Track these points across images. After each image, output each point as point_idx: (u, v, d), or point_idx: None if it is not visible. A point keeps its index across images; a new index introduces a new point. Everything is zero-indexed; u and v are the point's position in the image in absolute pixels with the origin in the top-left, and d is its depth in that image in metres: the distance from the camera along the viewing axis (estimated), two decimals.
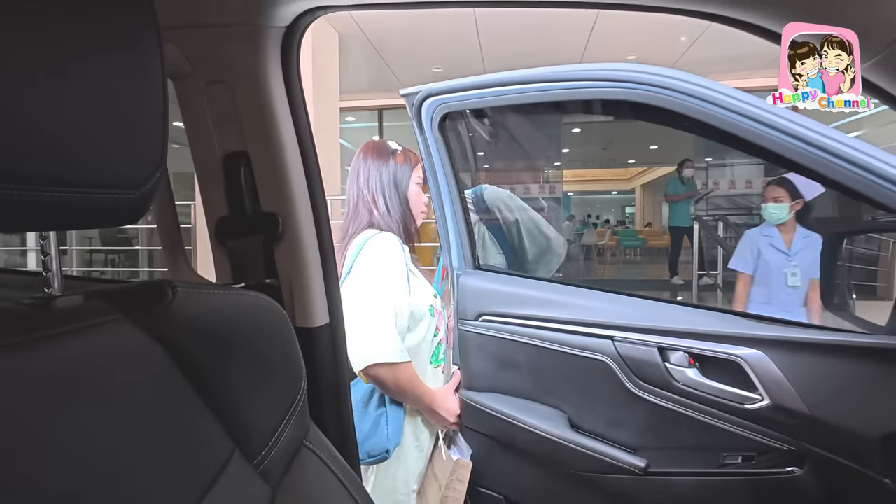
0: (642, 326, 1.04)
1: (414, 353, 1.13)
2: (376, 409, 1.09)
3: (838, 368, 0.88)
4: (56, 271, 0.41)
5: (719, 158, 8.32)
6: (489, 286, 1.22)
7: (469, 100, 1.17)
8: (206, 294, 0.45)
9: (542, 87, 1.07)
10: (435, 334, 1.18)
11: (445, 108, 1.18)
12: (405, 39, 5.49)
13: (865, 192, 0.79)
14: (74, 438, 0.30)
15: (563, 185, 8.82)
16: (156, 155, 0.38)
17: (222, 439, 0.42)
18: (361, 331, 1.02)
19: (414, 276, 1.16)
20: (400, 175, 1.16)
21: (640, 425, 1.04)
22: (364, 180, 1.16)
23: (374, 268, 1.09)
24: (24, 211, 0.30)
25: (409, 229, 1.18)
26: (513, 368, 1.16)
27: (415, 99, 1.22)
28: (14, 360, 0.30)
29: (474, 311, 1.20)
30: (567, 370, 1.10)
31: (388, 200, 1.15)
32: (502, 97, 1.12)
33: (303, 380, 0.55)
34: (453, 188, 1.24)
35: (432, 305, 1.17)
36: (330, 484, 0.54)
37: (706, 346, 0.98)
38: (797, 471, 0.91)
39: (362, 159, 1.18)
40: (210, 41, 0.69)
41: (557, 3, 0.66)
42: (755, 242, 2.35)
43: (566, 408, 1.12)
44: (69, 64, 0.31)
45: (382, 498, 1.10)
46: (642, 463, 1.01)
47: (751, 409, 0.94)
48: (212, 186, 0.75)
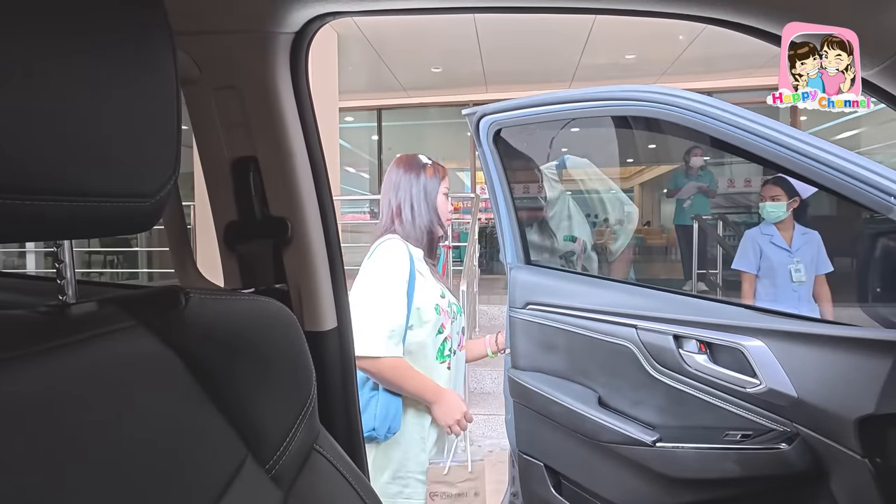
0: (661, 316, 1.18)
1: (419, 348, 1.21)
2: (370, 392, 1.19)
3: (824, 356, 0.99)
4: (70, 279, 0.42)
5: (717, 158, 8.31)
6: (535, 279, 1.41)
7: (516, 118, 1.39)
8: (219, 300, 0.45)
9: (580, 106, 1.29)
10: (440, 331, 1.24)
11: (497, 125, 1.40)
12: (404, 40, 5.50)
13: (851, 196, 0.92)
14: (91, 445, 0.30)
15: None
16: (169, 163, 0.38)
17: (235, 444, 0.42)
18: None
19: (422, 276, 1.23)
20: (430, 186, 1.28)
21: (658, 405, 1.18)
22: (394, 192, 1.28)
23: (372, 270, 1.19)
24: (37, 221, 0.30)
25: (433, 235, 1.29)
26: (553, 351, 1.34)
27: (473, 118, 1.43)
28: (32, 369, 0.30)
29: (522, 300, 1.39)
30: (597, 354, 1.26)
31: (416, 209, 1.27)
32: (545, 115, 1.35)
33: (313, 384, 0.55)
34: (507, 193, 1.44)
35: (438, 305, 1.24)
36: (340, 487, 0.55)
37: (715, 334, 1.11)
38: (784, 447, 1.02)
39: (395, 172, 1.30)
40: (219, 47, 0.69)
41: (556, 8, 0.66)
42: (756, 241, 2.37)
43: (597, 387, 1.27)
44: (82, 73, 0.31)
45: (375, 473, 1.18)
46: (652, 437, 1.13)
47: (751, 392, 1.06)
48: (220, 191, 0.75)
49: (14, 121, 0.27)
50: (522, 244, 1.47)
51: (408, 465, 1.20)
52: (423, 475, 1.21)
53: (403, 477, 1.20)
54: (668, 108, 1.10)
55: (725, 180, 6.92)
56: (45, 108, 0.29)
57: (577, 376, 1.30)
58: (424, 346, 1.21)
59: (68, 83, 0.30)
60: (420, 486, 1.20)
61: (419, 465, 1.21)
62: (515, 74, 6.47)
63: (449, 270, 4.05)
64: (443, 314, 1.25)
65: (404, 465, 1.20)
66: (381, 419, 1.16)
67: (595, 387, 1.27)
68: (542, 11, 0.70)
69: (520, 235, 1.47)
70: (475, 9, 0.67)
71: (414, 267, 1.21)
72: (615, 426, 1.18)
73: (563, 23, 4.93)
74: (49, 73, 0.29)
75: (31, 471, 0.27)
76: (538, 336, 1.35)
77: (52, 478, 0.28)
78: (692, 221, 4.83)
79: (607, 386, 1.26)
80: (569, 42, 5.47)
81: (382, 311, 1.15)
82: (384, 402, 1.17)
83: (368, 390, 1.18)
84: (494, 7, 0.69)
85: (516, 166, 1.65)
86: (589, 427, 1.22)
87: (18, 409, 0.28)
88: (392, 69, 6.35)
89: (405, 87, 7.01)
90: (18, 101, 0.28)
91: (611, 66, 6.25)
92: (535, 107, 1.35)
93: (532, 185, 1.77)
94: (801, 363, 1.00)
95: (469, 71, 6.35)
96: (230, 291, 0.67)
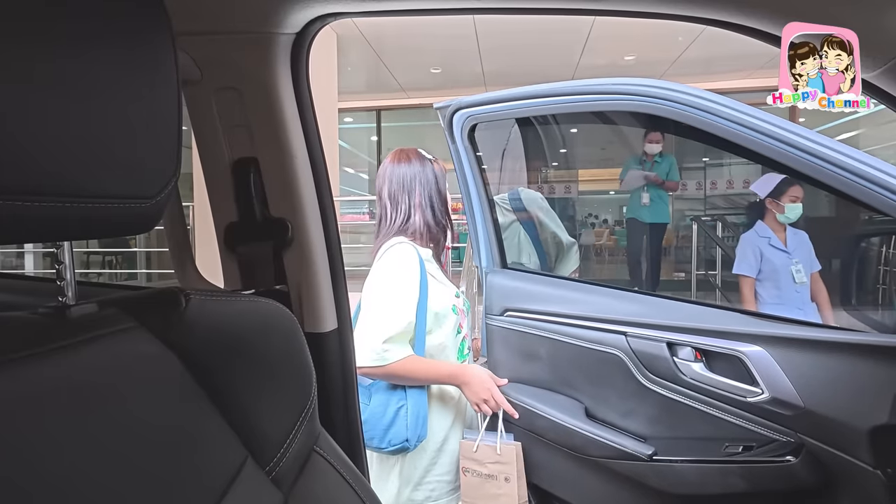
0: (653, 323, 1.11)
1: (440, 350, 1.19)
2: (397, 404, 1.13)
3: (832, 364, 0.93)
4: (70, 280, 0.41)
5: (716, 158, 8.31)
6: (514, 284, 1.33)
7: (494, 112, 1.29)
8: (219, 301, 0.45)
9: (560, 101, 1.19)
10: (458, 331, 1.23)
11: (473, 120, 1.30)
12: (404, 40, 5.50)
13: (857, 196, 0.86)
14: (91, 447, 0.30)
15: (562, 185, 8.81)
16: (171, 164, 0.38)
17: (235, 446, 0.42)
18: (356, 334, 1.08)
19: (435, 279, 1.19)
20: (440, 180, 1.21)
21: (650, 416, 1.11)
22: (408, 186, 1.18)
23: (381, 277, 1.15)
24: (38, 222, 0.30)
25: (445, 233, 1.23)
26: (534, 360, 1.25)
27: (446, 111, 1.33)
28: (32, 371, 0.30)
29: (500, 307, 1.31)
30: (583, 363, 1.19)
31: (434, 204, 1.19)
32: (524, 109, 1.25)
33: (313, 386, 0.55)
34: (482, 192, 1.35)
35: (454, 305, 1.21)
36: (341, 489, 0.55)
37: (711, 341, 1.04)
38: (792, 460, 0.95)
39: (399, 167, 1.20)
40: (220, 48, 0.69)
41: (556, 9, 0.66)
42: (756, 244, 2.35)
43: (583, 398, 1.20)
44: (82, 73, 0.31)
45: (402, 483, 1.15)
46: (648, 451, 1.07)
47: (752, 401, 0.99)
48: (221, 192, 0.75)
49: (14, 122, 0.27)
50: (498, 246, 1.38)
51: (434, 470, 1.17)
52: (449, 475, 1.19)
53: (430, 482, 1.17)
54: (659, 103, 1.03)
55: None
56: (46, 109, 0.29)
57: (561, 387, 1.22)
58: (445, 348, 1.19)
59: (69, 84, 0.30)
60: (446, 488, 1.19)
61: (442, 466, 1.19)
62: (515, 75, 6.47)
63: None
64: (460, 314, 1.23)
65: (430, 470, 1.17)
66: (413, 429, 1.12)
67: (581, 398, 1.20)
68: (542, 12, 0.70)
69: (495, 237, 1.38)
70: (475, 9, 0.67)
71: (425, 270, 1.17)
72: (607, 440, 1.11)
73: (564, 23, 4.94)
74: (49, 73, 0.29)
75: (30, 471, 0.27)
76: (518, 344, 1.27)
77: (52, 478, 0.28)
78: (645, 216, 4.11)
79: (595, 397, 1.18)
80: (568, 43, 5.48)
81: (383, 319, 1.10)
82: (413, 411, 1.13)
83: (395, 403, 1.13)
84: (494, 7, 0.69)
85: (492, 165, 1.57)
86: (577, 441, 1.14)
87: (18, 410, 0.28)
88: (391, 70, 6.35)
89: (404, 87, 7.02)
90: (19, 102, 0.28)
91: (610, 67, 6.26)
92: (515, 101, 1.25)
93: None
94: (805, 370, 0.95)
95: (468, 72, 6.35)
96: (230, 293, 0.67)
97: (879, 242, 1.80)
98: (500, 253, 1.38)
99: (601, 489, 1.16)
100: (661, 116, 1.03)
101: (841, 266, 2.37)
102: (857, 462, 0.89)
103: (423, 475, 1.16)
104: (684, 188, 6.56)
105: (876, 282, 1.77)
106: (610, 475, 1.13)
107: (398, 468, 1.15)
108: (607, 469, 1.12)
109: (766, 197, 2.34)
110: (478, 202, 1.35)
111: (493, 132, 1.64)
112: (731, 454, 1.01)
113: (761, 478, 0.98)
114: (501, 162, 1.82)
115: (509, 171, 1.87)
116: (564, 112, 1.21)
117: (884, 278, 1.76)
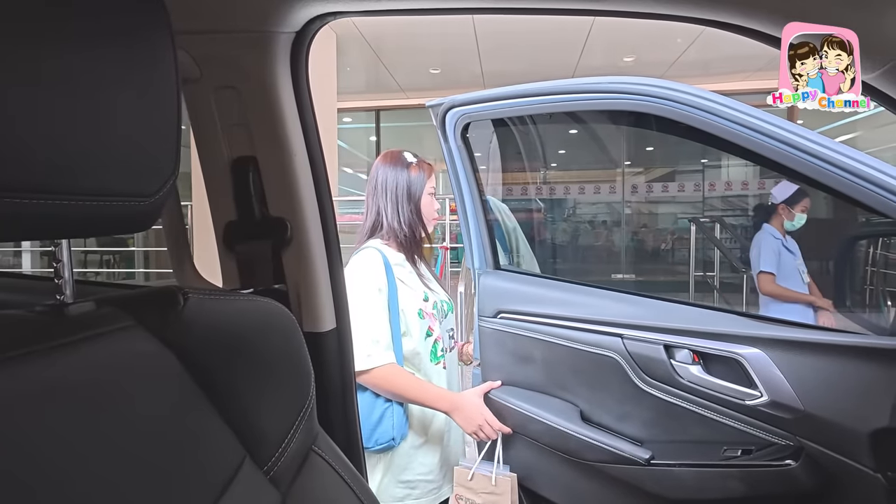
0: (650, 325, 1.09)
1: (412, 355, 1.19)
2: (384, 403, 1.16)
3: (831, 367, 0.92)
4: (68, 278, 0.41)
5: (715, 160, 8.33)
6: (507, 285, 1.30)
7: (489, 110, 1.26)
8: (218, 300, 0.45)
9: (556, 99, 1.16)
10: (429, 334, 1.22)
11: (467, 118, 1.28)
12: (403, 40, 5.50)
13: (859, 197, 0.85)
14: (91, 442, 0.30)
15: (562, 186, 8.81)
16: (169, 162, 0.38)
17: (234, 446, 0.42)
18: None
19: (403, 283, 1.20)
20: (414, 184, 1.23)
21: (647, 419, 1.10)
22: (380, 189, 1.23)
23: (347, 283, 1.15)
24: (36, 220, 0.30)
25: (416, 235, 1.24)
26: (528, 363, 1.23)
27: (439, 110, 1.30)
28: (30, 369, 0.30)
29: (493, 309, 1.28)
30: (578, 366, 1.16)
31: (400, 208, 1.22)
32: (519, 108, 1.22)
33: (311, 385, 0.55)
34: (475, 192, 1.32)
35: (421, 310, 1.21)
36: (339, 489, 0.55)
37: (709, 344, 1.03)
38: (792, 464, 0.94)
39: (379, 169, 1.24)
40: (219, 46, 0.69)
41: (556, 10, 0.66)
42: (771, 244, 2.42)
43: (578, 401, 1.18)
44: (82, 72, 0.31)
45: (386, 479, 1.16)
46: (646, 455, 1.05)
47: (750, 404, 0.98)
48: (220, 191, 0.75)
49: (13, 120, 0.27)
50: (491, 247, 1.36)
51: (414, 468, 1.18)
52: (432, 475, 1.19)
53: (411, 480, 1.18)
54: (658, 102, 1.00)
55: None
56: (45, 107, 0.29)
57: (555, 390, 1.20)
58: (417, 353, 1.20)
59: (68, 82, 0.30)
60: (427, 487, 1.19)
61: (423, 465, 1.19)
62: (514, 76, 6.47)
63: (447, 272, 4.05)
64: (427, 317, 1.22)
65: (410, 468, 1.18)
66: (398, 428, 1.14)
67: (576, 401, 1.18)
68: (542, 13, 0.70)
69: (488, 238, 1.35)
70: (475, 9, 0.67)
71: (393, 275, 1.18)
72: (603, 444, 1.09)
73: (563, 24, 4.94)
74: (48, 72, 0.29)
75: (28, 470, 0.27)
76: (511, 347, 1.25)
77: (50, 477, 0.28)
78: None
79: (590, 400, 1.16)
80: (567, 44, 5.48)
81: (362, 323, 1.11)
82: (398, 409, 1.16)
83: (383, 402, 1.15)
84: (494, 7, 0.69)
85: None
86: (572, 445, 1.12)
87: (17, 408, 0.28)
88: (390, 70, 6.35)
89: (403, 87, 7.01)
90: (18, 100, 0.28)
91: (609, 68, 6.27)
92: (510, 99, 1.22)
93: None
94: (804, 373, 0.94)
95: (468, 72, 6.35)
96: (229, 292, 0.67)
97: (867, 244, 1.82)
98: (493, 254, 1.36)
99: (597, 494, 1.14)
100: (661, 116, 1.01)
101: (832, 268, 2.43)
102: (858, 466, 0.88)
103: (400, 472, 1.18)
104: (682, 189, 6.60)
105: (864, 283, 1.78)
106: (606, 480, 1.11)
107: (382, 465, 1.17)
108: (603, 474, 1.11)
109: (781, 202, 2.41)
110: (470, 203, 1.33)
111: (483, 132, 1.62)
112: (730, 458, 1.00)
113: (761, 482, 0.96)
114: (489, 162, 1.77)
115: (497, 172, 1.83)
116: (561, 111, 1.19)
117: (871, 279, 1.78)
